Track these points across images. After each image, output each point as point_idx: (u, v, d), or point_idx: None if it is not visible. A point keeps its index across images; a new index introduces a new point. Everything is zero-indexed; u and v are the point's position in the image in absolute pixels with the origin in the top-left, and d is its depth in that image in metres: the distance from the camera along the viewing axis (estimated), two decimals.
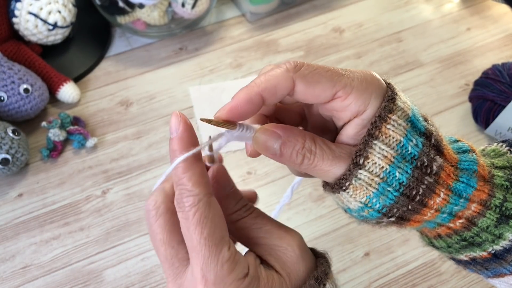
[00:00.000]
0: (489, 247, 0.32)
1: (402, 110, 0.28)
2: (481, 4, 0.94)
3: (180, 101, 0.78)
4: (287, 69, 0.27)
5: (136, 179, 0.70)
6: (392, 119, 0.28)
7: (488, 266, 0.34)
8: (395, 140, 0.28)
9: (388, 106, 0.28)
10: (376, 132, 0.28)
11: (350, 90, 0.27)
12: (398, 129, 0.28)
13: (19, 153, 0.65)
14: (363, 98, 0.28)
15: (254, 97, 0.27)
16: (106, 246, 0.64)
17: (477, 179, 0.30)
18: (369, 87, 0.28)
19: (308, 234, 0.65)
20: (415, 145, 0.28)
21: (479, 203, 0.30)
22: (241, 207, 0.30)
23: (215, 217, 0.27)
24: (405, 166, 0.28)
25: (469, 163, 0.30)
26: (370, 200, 0.28)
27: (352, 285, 0.62)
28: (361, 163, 0.28)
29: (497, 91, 0.72)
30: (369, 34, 0.88)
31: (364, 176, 0.28)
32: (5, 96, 0.68)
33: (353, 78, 0.28)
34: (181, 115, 0.28)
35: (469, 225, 0.32)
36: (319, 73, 0.27)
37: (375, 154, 0.28)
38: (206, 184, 0.27)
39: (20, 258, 0.62)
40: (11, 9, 0.73)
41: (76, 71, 0.80)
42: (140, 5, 0.78)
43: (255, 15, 0.89)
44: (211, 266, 0.26)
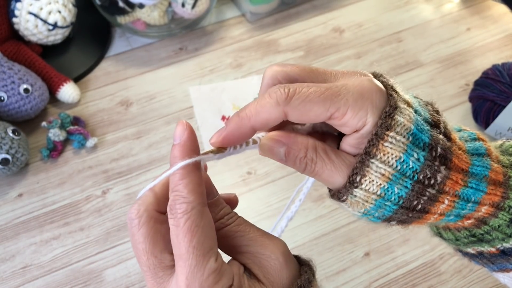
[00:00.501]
0: (498, 244, 0.32)
1: (402, 125, 0.27)
2: (481, 4, 0.94)
3: (180, 101, 0.78)
4: (277, 102, 0.27)
5: (136, 179, 0.70)
6: (390, 136, 0.27)
7: (495, 261, 0.34)
8: (394, 157, 0.27)
9: (385, 123, 0.27)
10: (374, 150, 0.27)
11: (345, 110, 0.27)
12: (397, 146, 0.27)
13: (19, 153, 0.65)
14: (359, 116, 0.27)
15: (245, 130, 0.28)
16: (106, 246, 0.64)
17: (487, 183, 0.29)
18: (365, 103, 0.27)
19: (308, 234, 0.65)
20: (416, 160, 0.27)
21: (490, 205, 0.30)
22: (223, 215, 0.30)
23: (206, 227, 0.26)
24: (405, 182, 0.27)
25: (481, 168, 0.30)
26: (369, 212, 0.29)
27: (352, 285, 0.62)
28: (357, 181, 0.28)
29: (497, 91, 0.72)
30: (369, 34, 0.88)
31: (360, 194, 0.28)
32: (5, 96, 0.68)
33: (347, 98, 0.27)
34: (187, 124, 0.28)
35: (479, 224, 0.31)
36: (311, 101, 0.27)
37: (372, 172, 0.27)
38: (201, 194, 0.27)
39: (20, 258, 0.62)
40: (11, 9, 0.73)
41: (76, 71, 0.80)
42: (140, 5, 0.78)
43: (255, 15, 0.89)
44: (196, 276, 0.25)
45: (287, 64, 0.30)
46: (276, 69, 0.29)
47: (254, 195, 0.69)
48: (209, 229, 0.26)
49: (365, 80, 0.28)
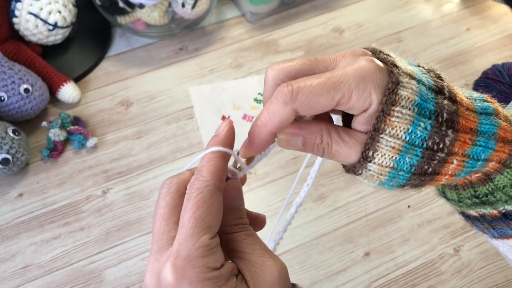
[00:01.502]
0: (500, 206, 0.33)
1: (407, 98, 0.28)
2: (481, 4, 0.94)
3: (180, 101, 0.78)
4: (284, 102, 0.28)
5: (136, 179, 0.70)
6: (396, 111, 0.28)
7: (496, 225, 0.34)
8: (403, 129, 0.28)
9: (389, 99, 0.28)
10: (382, 125, 0.28)
11: (350, 94, 0.28)
12: (404, 119, 0.28)
13: (20, 153, 0.65)
14: (364, 97, 0.28)
15: (266, 137, 0.30)
16: (106, 246, 0.64)
17: (497, 140, 0.30)
18: (367, 85, 0.28)
19: (308, 234, 0.65)
20: (424, 129, 0.29)
21: (497, 162, 0.31)
22: (239, 224, 0.31)
23: (212, 206, 0.28)
24: (415, 151, 0.29)
25: (490, 126, 0.31)
26: (383, 183, 0.31)
27: (352, 285, 0.62)
28: (370, 156, 0.29)
29: (497, 91, 0.72)
30: (369, 34, 0.88)
31: (374, 168, 0.29)
32: (5, 96, 0.68)
33: (350, 82, 0.28)
34: (230, 122, 0.32)
35: (485, 179, 0.32)
36: (316, 93, 0.28)
37: (382, 147, 0.29)
38: (219, 178, 0.29)
39: (20, 258, 0.63)
40: (11, 9, 0.73)
41: (76, 71, 0.80)
42: (140, 5, 0.79)
43: (255, 15, 0.89)
44: (188, 243, 0.27)
45: (286, 61, 0.30)
46: (277, 69, 0.30)
47: (254, 195, 0.69)
48: (214, 209, 0.28)
49: (363, 61, 0.29)
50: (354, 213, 0.67)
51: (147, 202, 0.68)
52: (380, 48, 0.31)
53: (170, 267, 0.27)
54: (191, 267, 0.27)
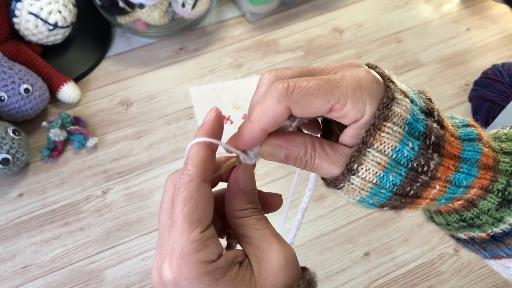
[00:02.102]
0: (488, 229, 0.32)
1: (399, 115, 0.28)
2: (481, 4, 0.94)
3: (180, 101, 0.78)
4: (278, 99, 0.28)
5: (136, 179, 0.70)
6: (387, 126, 0.28)
7: (486, 247, 0.34)
8: (390, 146, 0.28)
9: (382, 114, 0.28)
10: (371, 139, 0.28)
11: (345, 101, 0.28)
12: (393, 136, 0.28)
13: (20, 153, 0.65)
14: (358, 107, 0.28)
15: (257, 133, 0.29)
16: (106, 246, 0.64)
17: (479, 168, 0.30)
18: (363, 94, 0.28)
19: (308, 234, 0.65)
20: (411, 149, 0.28)
21: (479, 188, 0.31)
22: (249, 208, 0.31)
23: (199, 199, 0.28)
24: (399, 170, 0.28)
25: (473, 153, 0.30)
26: (364, 200, 0.30)
27: (352, 285, 0.62)
28: (354, 169, 0.29)
29: (497, 91, 0.72)
30: (369, 34, 0.88)
31: (357, 182, 0.29)
32: (5, 96, 0.68)
33: (346, 89, 0.28)
34: (216, 110, 0.31)
35: (468, 206, 0.32)
36: (311, 94, 0.27)
37: (368, 161, 0.28)
38: (204, 170, 0.29)
39: (20, 257, 0.63)
40: (11, 9, 0.73)
41: (76, 71, 0.80)
42: (140, 5, 0.79)
43: (255, 15, 0.89)
44: (181, 241, 0.27)
45: (282, 68, 0.30)
46: (274, 74, 0.30)
47: None
48: (202, 202, 0.28)
49: (362, 71, 0.29)
50: (354, 213, 0.67)
51: (147, 202, 0.68)
52: (375, 64, 0.31)
53: (167, 266, 0.27)
54: (186, 265, 0.27)
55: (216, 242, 0.28)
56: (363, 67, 0.29)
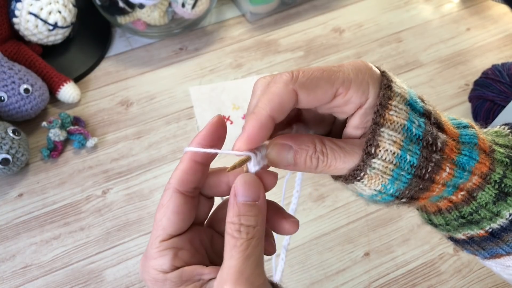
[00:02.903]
0: (486, 225, 0.33)
1: (400, 95, 0.29)
2: (481, 4, 0.94)
3: (180, 101, 0.78)
4: (285, 82, 0.27)
5: (136, 179, 0.70)
6: (393, 105, 0.28)
7: (485, 245, 0.34)
8: (400, 125, 0.28)
9: (386, 93, 0.28)
10: (381, 119, 0.28)
11: (349, 84, 0.28)
12: (401, 114, 0.28)
13: (20, 153, 0.65)
14: (363, 89, 0.28)
15: (266, 122, 0.27)
16: (106, 246, 0.64)
17: (479, 151, 0.31)
18: (365, 77, 0.29)
19: (308, 234, 0.65)
20: (418, 126, 0.29)
21: (479, 176, 0.31)
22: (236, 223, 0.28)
23: (168, 209, 0.29)
24: (414, 148, 0.29)
25: (470, 136, 0.31)
26: (385, 187, 0.29)
27: (352, 285, 0.62)
28: (373, 152, 0.28)
29: (497, 91, 0.72)
30: (369, 34, 0.88)
31: (379, 165, 0.28)
32: (5, 96, 0.68)
33: (348, 72, 0.28)
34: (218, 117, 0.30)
35: (469, 198, 0.32)
36: (317, 77, 0.27)
37: (384, 141, 0.28)
38: (181, 181, 0.29)
39: (20, 258, 0.63)
40: (11, 9, 0.73)
41: (76, 71, 0.80)
42: (140, 5, 0.79)
43: (255, 15, 0.89)
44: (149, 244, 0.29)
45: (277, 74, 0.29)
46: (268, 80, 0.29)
47: None
48: (170, 212, 0.29)
49: (358, 60, 0.30)
50: (354, 213, 0.67)
51: (147, 202, 0.68)
52: None
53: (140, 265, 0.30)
54: (146, 268, 0.29)
55: (172, 256, 0.28)
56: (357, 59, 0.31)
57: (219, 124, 0.30)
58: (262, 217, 0.28)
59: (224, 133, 0.30)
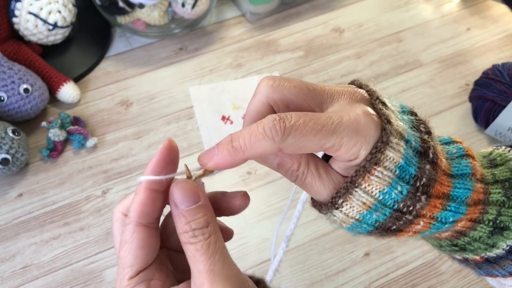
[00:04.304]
0: (481, 252, 0.32)
1: (392, 159, 0.27)
2: (481, 4, 0.94)
3: (180, 101, 0.78)
4: (273, 139, 0.26)
5: (136, 179, 0.69)
6: (377, 170, 0.27)
7: (481, 267, 0.34)
8: (378, 188, 0.27)
9: (374, 158, 0.27)
10: (359, 179, 0.27)
11: (339, 147, 0.27)
12: (383, 179, 0.27)
13: (19, 153, 0.65)
14: (353, 152, 0.27)
15: (239, 161, 0.28)
16: (106, 246, 0.64)
17: (468, 205, 0.30)
18: (359, 140, 0.27)
19: (308, 234, 0.65)
20: (399, 192, 0.28)
21: (467, 220, 0.30)
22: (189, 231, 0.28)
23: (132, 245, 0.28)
24: (384, 210, 0.28)
25: (463, 190, 0.30)
26: (345, 229, 0.30)
27: (352, 285, 0.62)
28: (339, 204, 0.28)
29: (497, 91, 0.72)
30: (369, 34, 0.88)
31: (339, 216, 0.29)
32: (5, 96, 0.68)
33: (342, 136, 0.27)
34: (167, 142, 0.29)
35: (458, 236, 0.31)
36: (307, 139, 0.26)
37: (354, 200, 0.28)
38: (141, 213, 0.29)
39: (20, 258, 0.62)
40: (11, 9, 0.73)
41: (76, 71, 0.80)
42: (140, 5, 0.78)
43: (255, 15, 0.89)
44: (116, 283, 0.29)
45: (283, 80, 0.29)
46: (272, 86, 0.28)
47: (254, 195, 0.69)
48: (134, 248, 0.28)
49: (361, 114, 0.28)
50: None
51: None
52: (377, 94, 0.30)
53: None
54: None
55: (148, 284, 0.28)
56: (363, 105, 0.28)
57: (170, 148, 0.29)
58: (210, 214, 0.28)
59: (177, 156, 0.30)
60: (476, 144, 0.74)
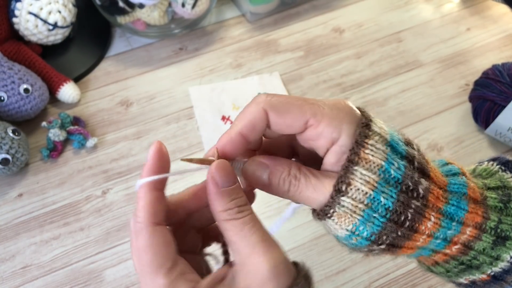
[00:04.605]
0: (487, 269, 0.32)
1: (379, 135, 0.28)
2: (481, 4, 0.94)
3: (180, 101, 0.78)
4: (257, 102, 0.29)
5: (136, 179, 0.70)
6: (369, 143, 0.28)
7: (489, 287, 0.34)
8: (376, 165, 0.28)
9: (363, 132, 0.28)
10: (356, 158, 0.28)
11: (321, 118, 0.28)
12: (378, 153, 0.28)
13: (19, 153, 0.65)
14: (335, 124, 0.28)
15: (234, 137, 0.29)
16: (106, 246, 0.64)
17: (468, 201, 0.30)
18: (340, 113, 0.28)
19: (308, 234, 0.65)
20: (397, 169, 0.28)
21: (474, 227, 0.30)
22: (233, 207, 0.29)
23: (156, 245, 0.28)
24: (390, 191, 0.28)
25: (459, 186, 0.30)
26: (357, 228, 0.29)
27: (352, 285, 0.62)
28: (343, 190, 0.28)
29: (497, 91, 0.72)
30: (369, 34, 0.88)
31: (348, 203, 0.28)
32: (5, 96, 0.68)
33: (323, 106, 0.28)
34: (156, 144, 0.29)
35: (465, 250, 0.31)
36: (290, 103, 0.28)
37: (357, 180, 0.28)
38: (154, 213, 0.29)
39: (20, 258, 0.63)
40: (11, 9, 0.73)
41: (76, 71, 0.80)
42: (140, 5, 0.78)
43: (255, 15, 0.89)
44: None
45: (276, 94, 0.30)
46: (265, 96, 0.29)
47: None
48: (159, 248, 0.28)
49: (340, 100, 0.30)
50: None
51: None
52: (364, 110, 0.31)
53: None
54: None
55: (185, 278, 0.28)
56: None
57: (160, 150, 0.30)
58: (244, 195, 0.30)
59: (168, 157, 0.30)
60: (476, 144, 0.74)
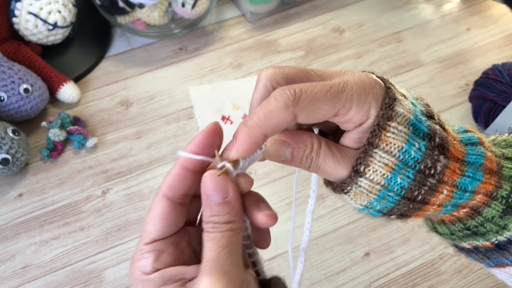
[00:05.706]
0: (492, 237, 0.32)
1: (403, 115, 0.28)
2: (481, 4, 0.94)
3: (180, 101, 0.78)
4: (286, 104, 0.26)
5: (136, 179, 0.70)
6: (392, 126, 0.27)
7: (490, 255, 0.34)
8: (397, 147, 0.28)
9: (386, 114, 0.28)
10: (376, 140, 0.28)
11: (350, 106, 0.27)
12: (399, 136, 0.28)
13: (19, 153, 0.65)
14: (364, 111, 0.28)
15: (258, 139, 0.27)
16: (106, 246, 0.64)
17: (484, 172, 0.30)
18: (368, 97, 0.28)
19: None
20: (418, 149, 0.28)
21: (484, 194, 0.30)
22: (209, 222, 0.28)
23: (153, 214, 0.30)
24: (407, 172, 0.28)
25: (476, 156, 0.30)
26: (371, 204, 0.29)
27: (352, 285, 0.62)
28: (361, 171, 0.28)
29: (497, 91, 0.72)
30: (369, 34, 0.88)
31: (365, 184, 0.28)
32: (5, 96, 0.68)
33: (352, 93, 0.27)
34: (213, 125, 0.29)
35: (473, 214, 0.32)
36: (319, 100, 0.27)
37: (375, 162, 0.28)
38: (169, 187, 0.30)
39: (20, 258, 0.62)
40: (11, 9, 0.73)
41: (76, 71, 0.80)
42: (140, 5, 0.78)
43: (255, 15, 0.89)
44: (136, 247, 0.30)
45: (283, 66, 0.29)
46: (273, 70, 0.29)
47: None
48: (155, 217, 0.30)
49: (363, 75, 0.28)
50: (354, 213, 0.67)
51: (147, 202, 0.68)
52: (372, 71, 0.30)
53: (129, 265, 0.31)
54: (132, 268, 0.30)
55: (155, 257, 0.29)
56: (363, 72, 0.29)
57: (214, 131, 0.29)
58: (235, 212, 0.28)
59: (220, 140, 0.29)
60: None
